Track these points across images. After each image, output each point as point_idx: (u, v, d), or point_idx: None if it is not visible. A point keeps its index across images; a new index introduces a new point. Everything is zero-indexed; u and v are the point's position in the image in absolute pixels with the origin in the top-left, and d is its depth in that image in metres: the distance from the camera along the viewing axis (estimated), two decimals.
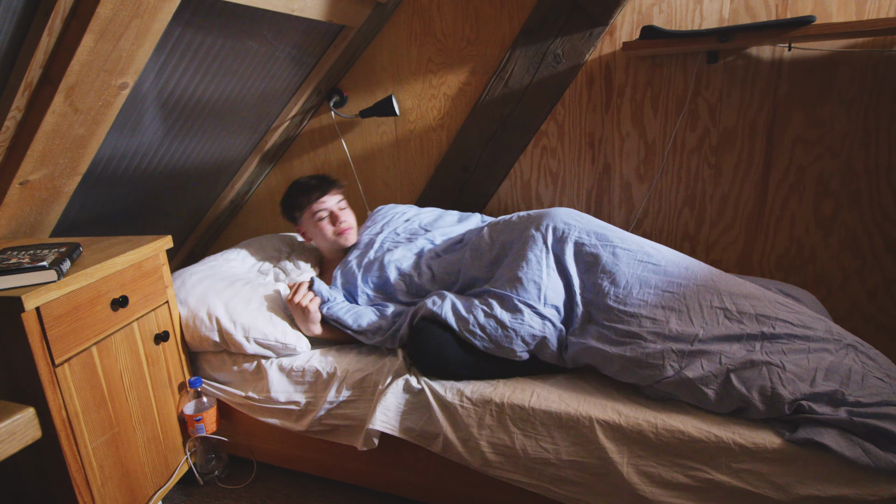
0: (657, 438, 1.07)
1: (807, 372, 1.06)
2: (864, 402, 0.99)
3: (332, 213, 1.66)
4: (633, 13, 1.70)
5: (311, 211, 1.66)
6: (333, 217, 1.67)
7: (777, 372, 1.06)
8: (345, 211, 1.70)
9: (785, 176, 1.70)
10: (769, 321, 1.16)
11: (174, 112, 1.60)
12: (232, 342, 1.43)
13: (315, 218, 1.66)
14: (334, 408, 1.35)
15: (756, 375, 1.06)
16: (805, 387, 1.03)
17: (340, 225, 1.66)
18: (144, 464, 1.35)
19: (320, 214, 1.65)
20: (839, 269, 1.72)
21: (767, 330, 1.14)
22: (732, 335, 1.15)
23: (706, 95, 1.71)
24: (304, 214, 1.68)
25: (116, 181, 1.65)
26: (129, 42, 1.15)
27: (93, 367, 1.20)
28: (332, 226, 1.66)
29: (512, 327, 1.25)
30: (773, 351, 1.10)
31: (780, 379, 1.04)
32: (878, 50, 1.52)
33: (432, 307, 1.32)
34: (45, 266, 1.08)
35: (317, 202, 1.65)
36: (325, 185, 1.68)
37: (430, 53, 1.93)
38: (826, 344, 1.11)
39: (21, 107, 1.14)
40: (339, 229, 1.66)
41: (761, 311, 1.18)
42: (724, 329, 1.16)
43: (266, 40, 1.62)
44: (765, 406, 1.04)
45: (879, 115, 1.57)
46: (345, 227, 1.66)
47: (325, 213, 1.66)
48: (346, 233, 1.67)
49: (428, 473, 1.33)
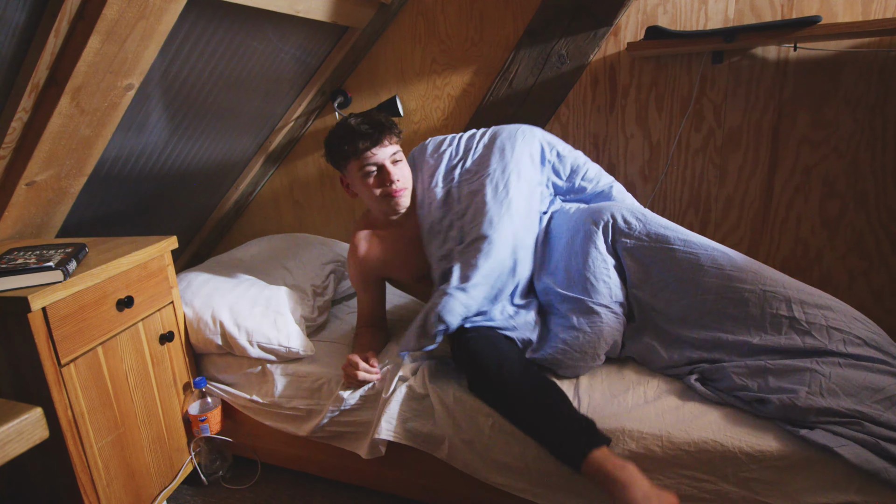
0: (663, 452, 1.06)
1: (854, 388, 1.01)
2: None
3: (384, 167, 1.34)
4: (637, 13, 1.69)
5: (357, 164, 1.34)
6: (384, 174, 1.34)
7: (820, 380, 1.02)
8: (399, 166, 1.37)
9: (790, 176, 1.69)
10: (841, 334, 1.09)
11: (179, 113, 1.61)
12: (235, 346, 1.44)
13: (362, 172, 1.34)
14: (338, 415, 1.33)
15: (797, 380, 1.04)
16: (848, 402, 0.99)
17: (391, 185, 1.34)
18: (149, 464, 1.36)
19: (368, 169, 1.33)
20: (845, 270, 1.71)
21: (834, 347, 1.08)
22: (794, 349, 1.10)
23: (711, 96, 1.70)
24: (350, 166, 1.36)
25: (122, 181, 1.65)
26: (134, 43, 1.16)
27: (98, 367, 1.21)
28: (381, 186, 1.35)
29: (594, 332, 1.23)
30: (828, 362, 1.06)
31: (821, 388, 1.01)
32: (885, 50, 1.52)
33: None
34: (52, 266, 1.08)
35: (364, 155, 1.33)
36: (377, 133, 1.32)
37: (434, 54, 1.93)
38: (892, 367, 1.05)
39: (28, 108, 1.14)
40: (389, 190, 1.34)
41: (834, 324, 1.10)
42: (785, 341, 1.11)
43: (270, 41, 1.63)
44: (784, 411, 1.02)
45: (886, 116, 1.56)
46: (396, 189, 1.34)
47: (374, 167, 1.33)
48: (397, 196, 1.35)
49: (431, 474, 1.32)
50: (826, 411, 0.98)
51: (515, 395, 1.13)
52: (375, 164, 1.33)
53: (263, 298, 1.53)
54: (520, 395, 1.13)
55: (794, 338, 1.11)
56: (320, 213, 2.32)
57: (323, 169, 2.24)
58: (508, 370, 1.15)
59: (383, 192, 1.35)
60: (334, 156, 1.39)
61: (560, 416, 1.08)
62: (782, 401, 1.01)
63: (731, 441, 1.03)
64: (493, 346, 1.20)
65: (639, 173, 1.84)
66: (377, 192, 1.35)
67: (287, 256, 1.85)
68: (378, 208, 1.40)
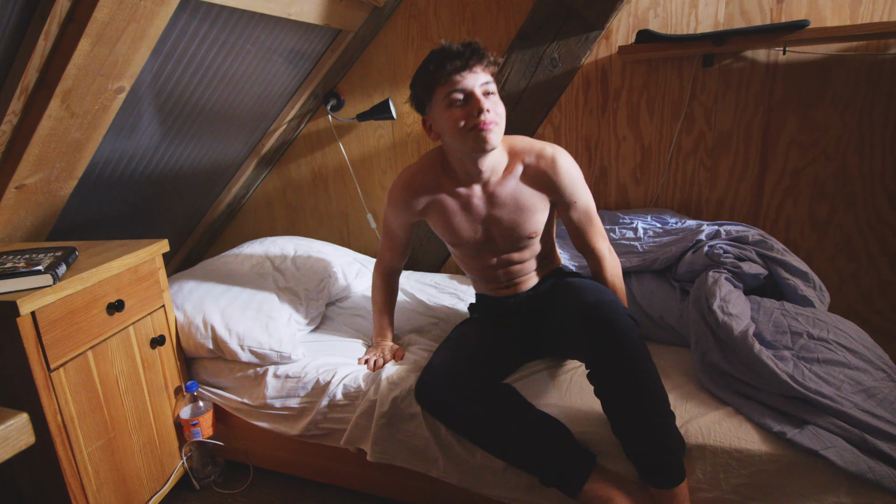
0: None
1: (834, 379, 1.06)
2: (878, 415, 0.98)
3: (473, 95, 1.13)
4: (628, 17, 1.70)
5: (443, 91, 1.14)
6: (472, 102, 1.13)
7: (803, 368, 1.07)
8: (492, 99, 1.16)
9: (780, 179, 1.71)
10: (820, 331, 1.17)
11: (171, 115, 1.60)
12: (227, 350, 1.43)
13: (447, 101, 1.14)
14: (330, 412, 1.35)
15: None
16: (824, 385, 1.03)
17: (479, 116, 1.12)
18: (140, 468, 1.35)
19: (454, 96, 1.13)
20: (835, 271, 1.73)
21: (816, 333, 1.16)
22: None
23: (702, 99, 1.71)
24: (435, 95, 1.16)
25: (113, 185, 1.65)
26: (125, 46, 1.15)
27: (88, 371, 1.20)
28: (468, 117, 1.13)
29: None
30: (809, 358, 1.11)
31: (803, 374, 1.05)
32: (872, 53, 1.53)
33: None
34: (41, 270, 1.08)
35: (452, 78, 1.13)
36: (469, 54, 1.12)
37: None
38: (870, 368, 1.10)
39: (17, 111, 1.14)
40: (476, 122, 1.12)
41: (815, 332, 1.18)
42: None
43: (263, 44, 1.62)
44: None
45: (873, 118, 1.58)
46: (486, 121, 1.12)
47: (461, 94, 1.13)
48: (485, 128, 1.12)
49: (424, 478, 1.32)
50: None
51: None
52: (463, 91, 1.13)
53: (255, 302, 1.52)
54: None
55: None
56: (313, 216, 2.32)
57: (316, 172, 2.23)
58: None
59: (469, 125, 1.13)
60: (418, 85, 1.19)
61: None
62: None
63: (720, 446, 1.03)
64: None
65: (630, 175, 1.85)
66: (461, 125, 1.13)
67: (280, 260, 1.84)
68: (461, 147, 1.18)
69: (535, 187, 1.26)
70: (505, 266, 1.35)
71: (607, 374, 1.07)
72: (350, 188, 2.21)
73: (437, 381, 1.20)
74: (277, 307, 1.53)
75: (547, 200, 1.29)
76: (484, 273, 1.39)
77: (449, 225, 1.31)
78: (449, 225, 1.31)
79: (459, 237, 1.32)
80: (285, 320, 1.50)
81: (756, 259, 1.36)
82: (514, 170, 1.26)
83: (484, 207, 1.28)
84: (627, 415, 1.05)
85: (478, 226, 1.29)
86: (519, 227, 1.27)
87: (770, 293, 1.39)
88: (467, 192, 1.28)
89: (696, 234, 1.45)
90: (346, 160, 2.17)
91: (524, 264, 1.36)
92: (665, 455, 1.02)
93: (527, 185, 1.26)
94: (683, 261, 1.42)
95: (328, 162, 2.21)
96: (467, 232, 1.30)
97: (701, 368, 1.19)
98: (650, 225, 1.63)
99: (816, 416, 0.99)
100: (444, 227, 1.33)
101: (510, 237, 1.29)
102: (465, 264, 1.44)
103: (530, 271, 1.38)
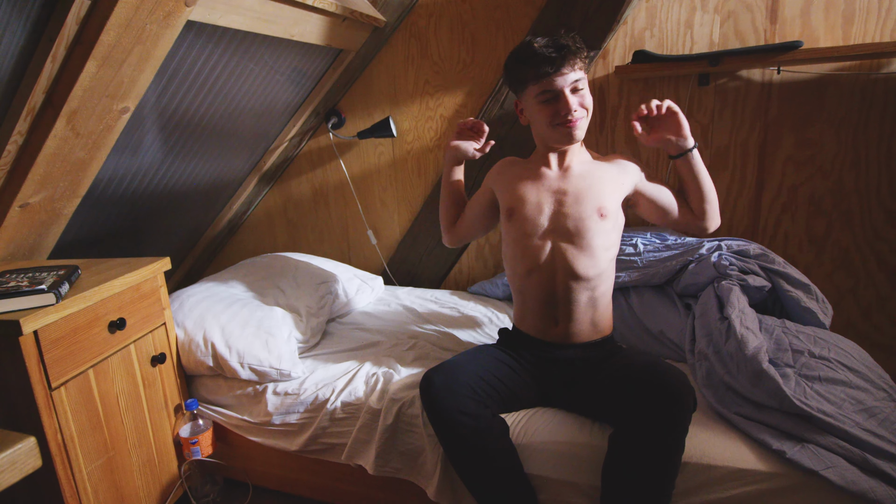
0: None
1: (835, 397, 1.06)
2: (880, 434, 0.98)
3: (562, 95, 1.20)
4: (625, 37, 1.73)
5: (534, 89, 1.23)
6: (561, 102, 1.20)
7: (805, 386, 1.07)
8: (580, 94, 1.22)
9: (777, 195, 1.72)
10: (822, 349, 1.18)
11: (174, 134, 1.62)
12: (227, 367, 1.43)
13: (538, 99, 1.23)
14: (330, 426, 1.35)
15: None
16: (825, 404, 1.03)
17: (567, 116, 1.20)
18: (139, 488, 1.34)
19: (545, 96, 1.21)
20: (833, 287, 1.73)
21: (816, 352, 1.17)
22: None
23: (698, 117, 1.74)
24: (527, 91, 1.25)
25: (115, 202, 1.66)
26: (131, 68, 1.17)
27: (89, 390, 1.20)
28: (556, 116, 1.22)
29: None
30: (811, 376, 1.11)
31: (805, 392, 1.05)
32: (865, 73, 1.56)
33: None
34: (44, 289, 1.08)
35: (542, 81, 1.20)
36: (560, 58, 1.18)
37: (426, 76, 1.96)
38: (871, 387, 1.10)
39: (23, 131, 1.15)
40: (562, 119, 1.21)
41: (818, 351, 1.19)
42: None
43: (266, 63, 1.65)
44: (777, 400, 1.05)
45: (868, 136, 1.60)
46: (573, 120, 1.21)
47: (551, 94, 1.21)
48: (572, 126, 1.21)
49: (423, 496, 1.31)
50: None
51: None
52: (553, 92, 1.20)
53: (255, 319, 1.53)
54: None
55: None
56: (314, 233, 2.33)
57: (317, 189, 2.25)
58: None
59: (557, 122, 1.22)
60: (512, 78, 1.28)
61: None
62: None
63: (717, 463, 1.03)
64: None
65: None
66: (550, 120, 1.23)
67: (281, 276, 1.84)
68: (549, 136, 1.26)
69: (611, 163, 1.33)
70: (563, 274, 1.24)
71: (643, 438, 1.01)
72: (350, 205, 2.22)
73: (439, 379, 1.17)
74: (278, 324, 1.53)
75: (621, 180, 1.30)
76: (535, 281, 1.27)
77: (513, 188, 1.33)
78: (513, 188, 1.33)
79: (522, 201, 1.30)
80: (285, 337, 1.50)
81: (759, 272, 1.36)
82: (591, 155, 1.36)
83: (556, 180, 1.30)
84: (633, 489, 1.01)
85: (543, 193, 1.29)
86: (586, 197, 1.25)
87: (770, 310, 1.39)
88: (542, 163, 1.33)
89: (698, 250, 1.46)
90: (346, 177, 2.18)
91: (580, 293, 1.24)
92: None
93: (602, 162, 1.33)
94: (686, 273, 1.43)
95: (329, 179, 2.22)
96: (532, 196, 1.30)
97: (705, 383, 1.19)
98: (650, 241, 1.64)
99: (817, 434, 0.99)
100: (508, 191, 1.34)
101: (575, 212, 1.25)
102: (515, 255, 1.31)
103: (585, 310, 1.25)
